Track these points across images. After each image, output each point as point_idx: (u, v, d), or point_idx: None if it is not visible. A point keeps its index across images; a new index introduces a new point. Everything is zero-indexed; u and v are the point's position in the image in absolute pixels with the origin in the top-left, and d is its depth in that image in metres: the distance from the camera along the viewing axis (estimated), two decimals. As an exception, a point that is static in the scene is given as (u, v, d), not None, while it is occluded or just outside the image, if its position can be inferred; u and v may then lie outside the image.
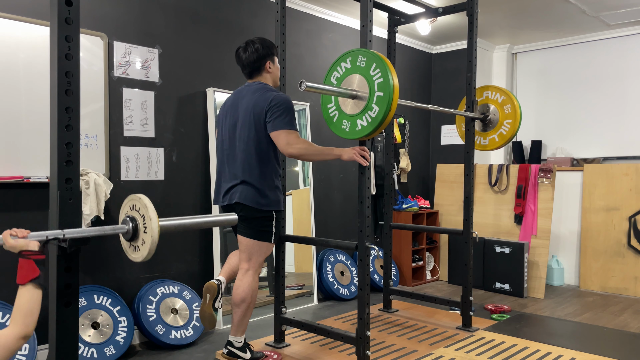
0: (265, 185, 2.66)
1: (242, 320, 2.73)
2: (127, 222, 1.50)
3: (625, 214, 4.67)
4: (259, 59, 2.74)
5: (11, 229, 1.37)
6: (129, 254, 1.54)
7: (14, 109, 2.82)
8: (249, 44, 2.75)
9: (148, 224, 1.43)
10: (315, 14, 4.50)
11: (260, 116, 2.62)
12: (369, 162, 2.61)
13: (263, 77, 2.79)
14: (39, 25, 2.89)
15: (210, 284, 2.69)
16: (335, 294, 4.33)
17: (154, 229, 1.41)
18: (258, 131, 2.64)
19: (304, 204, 4.34)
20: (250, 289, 2.70)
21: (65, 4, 1.53)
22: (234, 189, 2.67)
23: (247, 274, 2.71)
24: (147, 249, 1.43)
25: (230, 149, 2.72)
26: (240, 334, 2.76)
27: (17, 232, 1.37)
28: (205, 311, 2.67)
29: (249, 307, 2.72)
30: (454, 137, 5.62)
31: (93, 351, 2.87)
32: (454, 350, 3.07)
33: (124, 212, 1.55)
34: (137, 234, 1.48)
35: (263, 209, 2.66)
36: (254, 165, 2.64)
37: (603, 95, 5.25)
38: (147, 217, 1.43)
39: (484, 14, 4.62)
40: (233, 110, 2.75)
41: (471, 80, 3.47)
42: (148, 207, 1.42)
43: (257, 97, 2.67)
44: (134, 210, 1.50)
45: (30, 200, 2.89)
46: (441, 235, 5.36)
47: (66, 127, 1.53)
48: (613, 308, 4.21)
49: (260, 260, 2.74)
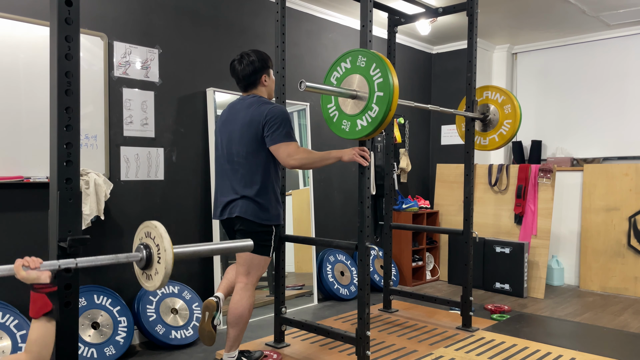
0: (266, 199, 2.63)
1: (237, 337, 2.69)
2: (141, 249, 1.48)
3: (625, 214, 4.67)
4: (254, 73, 2.69)
5: (24, 258, 1.35)
6: (142, 282, 1.51)
7: (14, 109, 2.82)
8: (244, 57, 2.69)
9: (162, 255, 1.41)
10: (315, 14, 4.50)
11: (257, 131, 2.59)
12: (369, 162, 2.61)
13: (258, 91, 2.75)
14: (39, 25, 2.89)
15: (209, 301, 2.66)
16: (335, 294, 4.33)
17: (169, 261, 1.39)
18: (256, 146, 2.61)
19: (304, 204, 4.34)
20: (248, 305, 2.66)
21: (65, 4, 1.53)
22: (234, 203, 2.63)
23: (245, 289, 2.67)
24: (160, 279, 1.41)
25: (229, 164, 2.69)
26: (235, 349, 2.72)
27: (30, 263, 1.34)
28: (205, 329, 2.63)
29: (245, 324, 2.69)
30: (454, 137, 5.62)
31: (93, 351, 2.87)
32: (454, 350, 3.07)
33: (139, 238, 1.52)
34: (150, 263, 1.46)
35: (264, 223, 2.63)
36: (254, 179, 2.61)
37: (603, 95, 5.25)
38: (162, 248, 1.41)
39: (484, 14, 4.62)
40: (228, 126, 2.72)
41: (471, 80, 3.47)
42: (164, 237, 1.40)
43: (252, 111, 2.63)
44: (148, 238, 1.48)
45: (30, 200, 2.89)
46: (441, 235, 5.36)
47: (66, 127, 1.53)
48: (613, 308, 4.21)
49: (259, 274, 2.71)
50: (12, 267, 1.32)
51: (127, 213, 3.28)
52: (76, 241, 1.48)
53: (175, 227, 3.51)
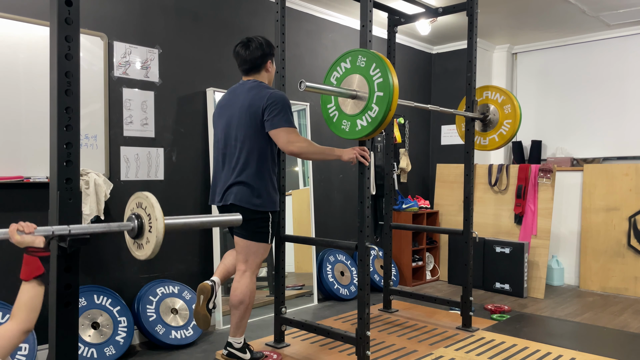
0: (261, 185, 2.63)
1: (240, 322, 2.72)
2: (133, 219, 1.50)
3: (625, 214, 4.67)
4: (262, 56, 2.71)
5: (18, 223, 1.37)
6: (133, 251, 1.54)
7: (14, 109, 2.82)
8: (252, 40, 2.71)
9: (154, 223, 1.43)
10: (315, 14, 4.50)
11: (256, 115, 2.60)
12: (369, 162, 2.61)
13: (260, 76, 2.76)
14: (39, 25, 2.89)
15: (204, 284, 2.67)
16: (335, 294, 4.33)
17: (159, 229, 1.41)
18: (255, 130, 2.61)
19: (304, 204, 4.34)
20: (248, 290, 2.68)
21: (65, 4, 1.53)
22: (230, 189, 2.64)
23: (244, 276, 2.70)
24: (152, 248, 1.43)
25: (226, 148, 2.69)
26: (240, 334, 2.75)
27: (24, 227, 1.37)
28: (199, 312, 2.65)
29: (247, 309, 2.71)
30: (454, 137, 5.62)
31: (93, 351, 2.87)
32: (454, 350, 3.07)
33: (130, 209, 1.54)
34: (142, 232, 1.48)
35: (258, 209, 2.63)
36: (251, 164, 2.61)
37: (603, 95, 5.25)
38: (153, 217, 1.43)
39: (484, 14, 4.62)
40: (228, 110, 2.72)
41: (471, 80, 3.47)
42: (155, 206, 1.42)
43: (253, 95, 2.64)
44: (140, 208, 1.50)
45: (30, 200, 2.89)
46: (441, 235, 5.36)
47: (66, 127, 1.53)
48: (613, 308, 4.21)
49: (258, 261, 2.73)
50: (7, 231, 1.35)
51: (127, 213, 3.28)
52: (76, 241, 1.48)
53: (175, 227, 3.51)
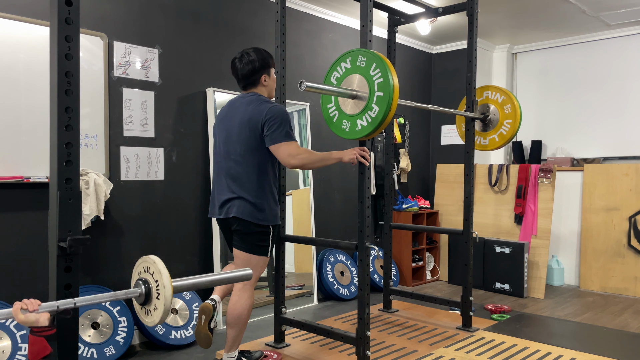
0: (263, 199, 2.62)
1: (237, 337, 2.69)
2: (140, 285, 1.46)
3: (625, 214, 4.67)
4: (253, 72, 2.67)
5: (22, 301, 1.34)
6: (141, 317, 1.50)
7: (14, 109, 2.82)
8: (244, 56, 2.67)
9: (162, 291, 1.39)
10: (315, 14, 4.50)
11: (256, 129, 2.58)
12: (369, 163, 2.61)
13: (258, 90, 2.73)
14: (39, 25, 2.89)
15: (205, 305, 2.65)
16: (335, 294, 4.33)
17: (168, 298, 1.38)
18: (254, 145, 2.59)
19: (304, 204, 4.34)
20: (247, 305, 2.66)
21: (65, 4, 1.53)
22: (231, 202, 2.62)
23: (244, 289, 2.67)
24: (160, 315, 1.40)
25: (226, 161, 2.67)
26: (235, 349, 2.72)
27: (28, 305, 1.34)
28: (201, 332, 2.63)
29: (244, 324, 2.68)
30: (454, 137, 5.62)
31: (93, 351, 2.87)
32: (454, 350, 3.07)
33: (137, 273, 1.51)
34: (149, 299, 1.45)
35: (261, 223, 2.62)
36: (251, 179, 2.60)
37: (603, 95, 5.25)
38: (160, 285, 1.40)
39: (484, 14, 4.62)
40: (227, 123, 2.70)
41: (471, 80, 3.47)
42: (162, 273, 1.39)
43: (252, 109, 2.61)
44: (147, 273, 1.46)
45: (30, 200, 2.89)
46: (441, 235, 5.36)
47: (66, 127, 1.54)
48: (613, 308, 4.21)
49: (257, 275, 2.70)
50: (10, 311, 1.31)
51: (127, 213, 3.28)
52: (76, 241, 1.48)
53: (175, 227, 3.51)
